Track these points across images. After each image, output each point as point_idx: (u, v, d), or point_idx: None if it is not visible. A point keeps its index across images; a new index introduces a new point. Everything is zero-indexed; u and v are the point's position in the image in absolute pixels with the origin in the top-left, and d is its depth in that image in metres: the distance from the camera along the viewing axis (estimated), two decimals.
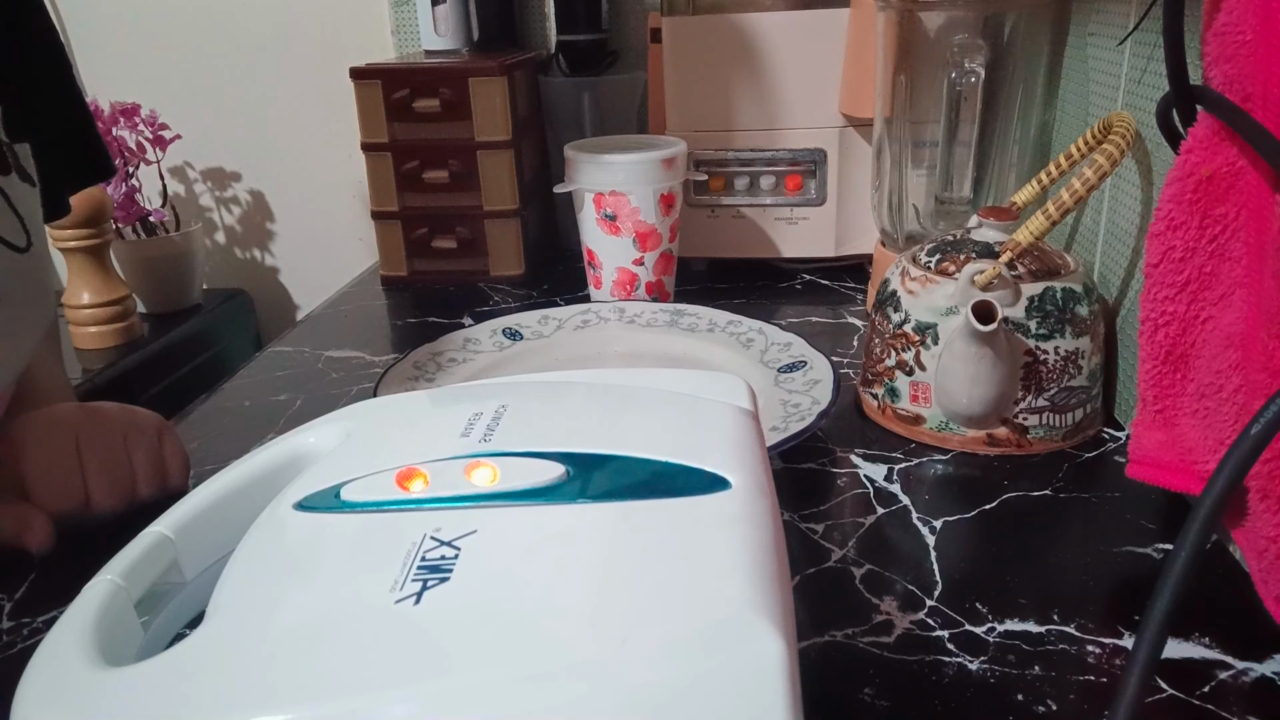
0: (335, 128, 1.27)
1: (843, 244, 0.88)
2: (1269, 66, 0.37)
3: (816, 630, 0.42)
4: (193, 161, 1.31)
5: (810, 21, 0.82)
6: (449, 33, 1.05)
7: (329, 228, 1.33)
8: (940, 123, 0.71)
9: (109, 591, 0.29)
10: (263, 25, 1.24)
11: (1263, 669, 0.38)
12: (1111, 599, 0.43)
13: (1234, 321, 0.42)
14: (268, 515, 0.31)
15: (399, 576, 0.26)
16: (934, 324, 0.57)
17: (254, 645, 0.24)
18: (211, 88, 1.28)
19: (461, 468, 0.30)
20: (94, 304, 1.11)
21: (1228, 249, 0.42)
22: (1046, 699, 0.37)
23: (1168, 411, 0.47)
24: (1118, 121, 0.56)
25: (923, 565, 0.46)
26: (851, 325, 0.78)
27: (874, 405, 0.61)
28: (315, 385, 0.71)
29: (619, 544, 0.27)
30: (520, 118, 0.93)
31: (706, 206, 0.89)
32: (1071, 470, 0.54)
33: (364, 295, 0.93)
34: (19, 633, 0.44)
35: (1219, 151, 0.42)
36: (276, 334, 0.85)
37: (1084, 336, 0.56)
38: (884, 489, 0.53)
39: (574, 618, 0.24)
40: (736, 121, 0.86)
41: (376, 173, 0.92)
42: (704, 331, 0.72)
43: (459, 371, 0.68)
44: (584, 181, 0.78)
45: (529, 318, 0.75)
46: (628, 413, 0.35)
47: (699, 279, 0.91)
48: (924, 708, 0.37)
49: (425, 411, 0.37)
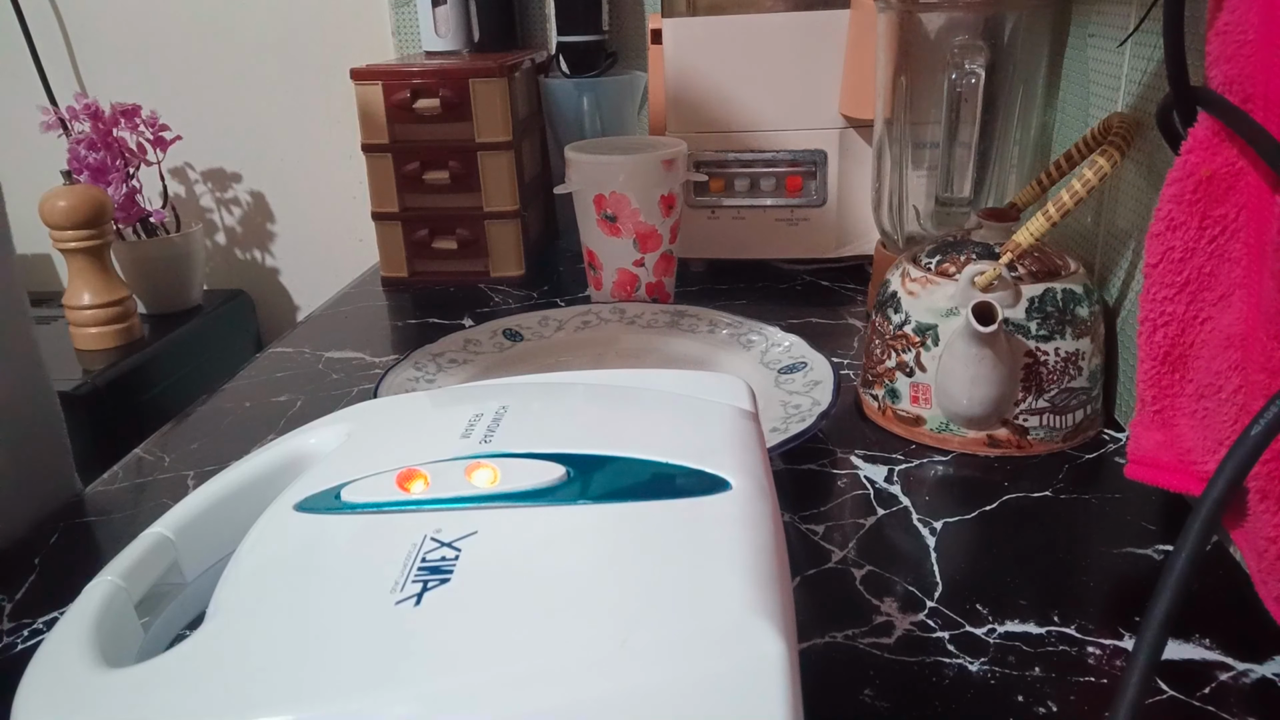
0: (336, 129, 1.27)
1: (843, 245, 0.88)
2: (1269, 67, 0.37)
3: (817, 631, 0.42)
4: (193, 162, 1.32)
5: (810, 22, 0.82)
6: (449, 34, 1.05)
7: (329, 229, 1.33)
8: (940, 124, 0.71)
9: (109, 592, 0.29)
10: (263, 26, 1.24)
11: (1263, 670, 0.38)
12: (1112, 600, 0.43)
13: (1233, 322, 0.42)
14: (268, 516, 0.31)
15: (399, 578, 0.26)
16: (934, 325, 0.57)
17: (254, 646, 0.24)
18: (212, 89, 1.28)
19: (462, 469, 0.30)
20: (94, 305, 1.11)
21: (1227, 250, 0.42)
22: (1047, 700, 0.37)
23: (1166, 412, 0.47)
24: (1118, 122, 0.56)
25: (923, 566, 0.46)
26: (852, 326, 0.78)
27: (874, 406, 0.61)
28: (315, 386, 0.71)
29: (619, 545, 0.27)
30: (521, 119, 0.94)
31: (707, 207, 0.89)
32: (1072, 471, 0.54)
33: (364, 296, 0.93)
34: (19, 633, 0.44)
35: (1219, 152, 0.42)
36: (277, 335, 0.85)
37: (1084, 338, 0.56)
38: (884, 490, 0.53)
39: (574, 619, 0.24)
40: (737, 122, 0.86)
41: (377, 173, 0.92)
42: (704, 332, 0.72)
43: (459, 373, 0.68)
44: (584, 182, 0.78)
45: (529, 319, 0.75)
46: (628, 414, 0.35)
47: (699, 280, 0.91)
48: (924, 709, 0.37)
49: (426, 413, 0.37)
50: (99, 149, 1.15)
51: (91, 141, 1.14)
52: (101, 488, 0.58)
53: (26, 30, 1.25)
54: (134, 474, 0.60)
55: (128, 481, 0.59)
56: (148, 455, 0.62)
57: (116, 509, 0.55)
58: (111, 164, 1.16)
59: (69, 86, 1.28)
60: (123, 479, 0.59)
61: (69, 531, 0.53)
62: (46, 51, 1.26)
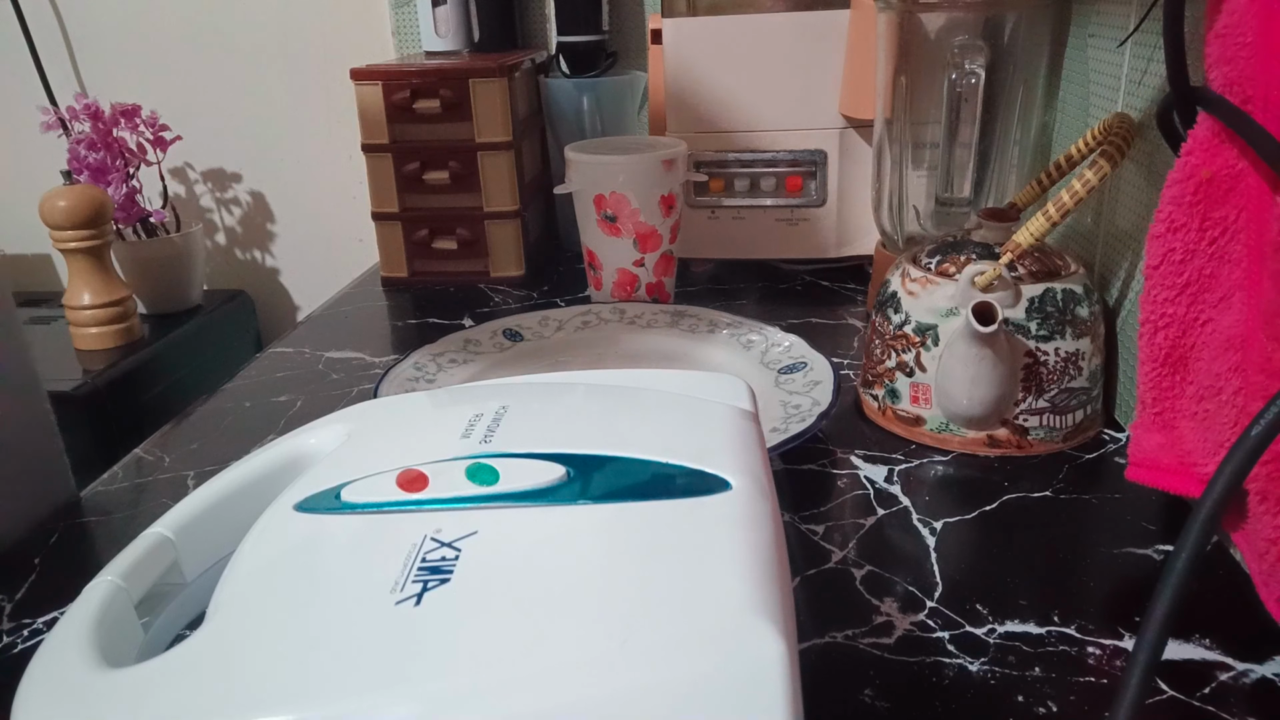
0: (336, 129, 1.27)
1: (843, 245, 0.88)
2: (1269, 68, 0.37)
3: (817, 631, 0.42)
4: (193, 162, 1.31)
5: (810, 22, 0.82)
6: (449, 34, 1.05)
7: (329, 229, 1.33)
8: (940, 124, 0.71)
9: (109, 592, 0.29)
10: (263, 26, 1.24)
11: (1263, 670, 0.38)
12: (1112, 600, 0.43)
13: (1233, 324, 0.42)
14: (268, 516, 0.31)
15: (399, 578, 0.26)
16: (934, 325, 0.57)
17: (254, 646, 0.24)
18: (212, 89, 1.28)
19: (462, 469, 0.30)
20: (94, 305, 1.11)
21: (1227, 251, 0.42)
22: (1047, 700, 0.37)
23: (1167, 414, 0.47)
24: (1118, 123, 0.56)
25: (923, 566, 0.46)
26: (852, 326, 0.78)
27: (874, 406, 0.61)
28: (316, 386, 0.71)
29: (619, 545, 0.27)
30: (521, 119, 0.93)
31: (707, 207, 0.89)
32: (1072, 472, 0.54)
33: (364, 296, 0.93)
34: (19, 633, 0.44)
35: (1219, 153, 0.42)
36: (277, 335, 0.85)
37: (1084, 338, 0.56)
38: (884, 490, 0.53)
39: (574, 619, 0.24)
40: (736, 122, 0.86)
41: (377, 174, 0.92)
42: (704, 333, 0.72)
43: (459, 373, 0.68)
44: (584, 182, 0.78)
45: (529, 319, 0.75)
46: (628, 414, 0.35)
47: (699, 280, 0.91)
48: (924, 709, 0.37)
49: (426, 413, 0.37)
50: (99, 149, 1.15)
51: (91, 141, 1.14)
52: (101, 488, 0.58)
53: (26, 30, 1.25)
54: (134, 474, 0.60)
55: (128, 482, 0.59)
56: (148, 455, 0.62)
57: (116, 509, 0.55)
58: (111, 164, 1.15)
59: (69, 86, 1.28)
60: (122, 479, 0.59)
61: (69, 532, 0.53)
62: (46, 51, 1.26)
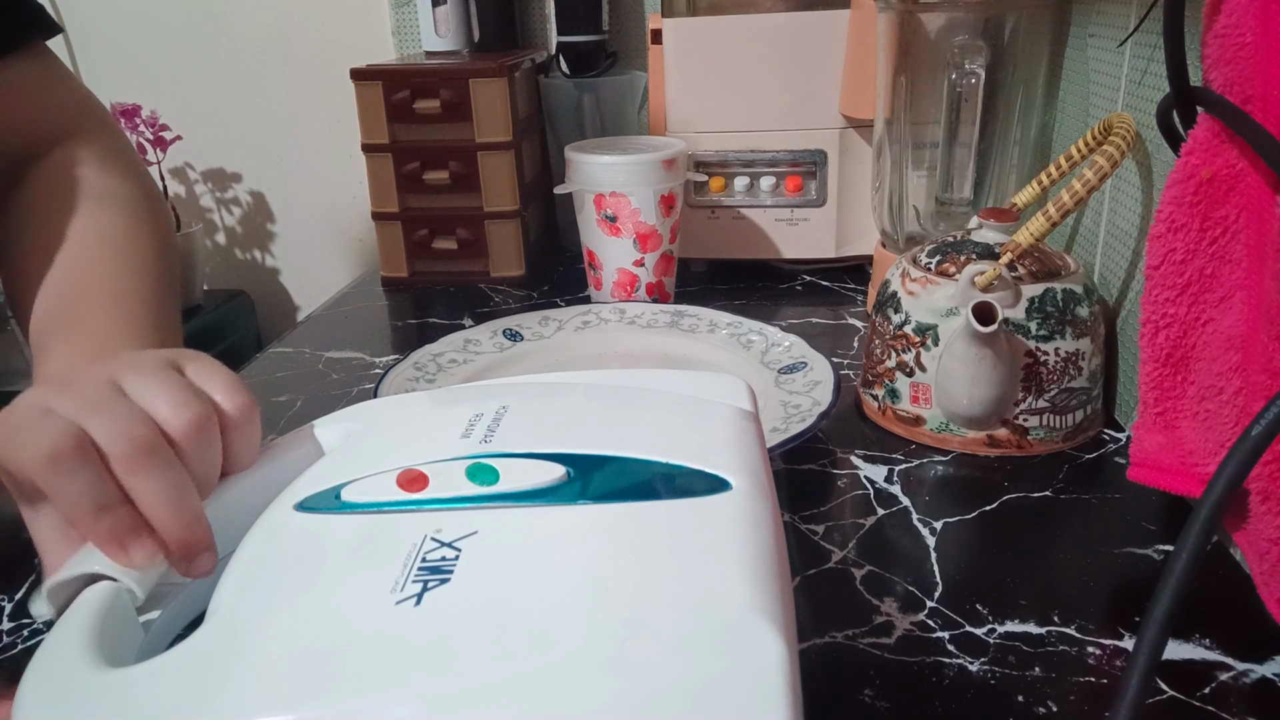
0: (336, 129, 1.27)
1: (843, 245, 0.88)
2: (1269, 69, 0.37)
3: (817, 631, 0.42)
4: (193, 162, 1.31)
5: (810, 22, 0.82)
6: (450, 34, 1.05)
7: (329, 229, 1.33)
8: (940, 124, 0.71)
9: (109, 592, 0.29)
10: (263, 26, 1.24)
11: (1263, 670, 0.38)
12: (1112, 600, 0.43)
13: (1234, 324, 0.42)
14: (269, 516, 0.31)
15: (400, 577, 0.26)
16: (934, 325, 0.57)
17: (254, 646, 0.24)
18: (212, 89, 1.28)
19: (462, 469, 0.30)
20: None
21: (1228, 251, 0.42)
22: (1047, 700, 0.37)
23: (1168, 414, 0.47)
24: (1118, 123, 0.56)
25: (923, 566, 0.46)
26: (852, 326, 0.78)
27: (874, 406, 0.61)
28: (316, 386, 0.71)
29: (619, 545, 0.27)
30: (521, 119, 0.93)
31: (707, 207, 0.89)
32: (1072, 471, 0.54)
33: (364, 296, 0.93)
34: (19, 633, 0.44)
35: (1219, 153, 0.42)
36: (277, 335, 0.85)
37: (1084, 338, 0.56)
38: (884, 490, 0.53)
39: (574, 619, 0.24)
40: (736, 122, 0.86)
41: (377, 174, 0.92)
42: (704, 332, 0.72)
43: (459, 372, 0.68)
44: (584, 182, 0.78)
45: (529, 319, 0.75)
46: (628, 414, 0.35)
47: (699, 280, 0.91)
48: (924, 709, 0.37)
49: (426, 412, 0.37)
50: None
51: None
52: None
53: None
54: None
55: None
56: None
57: None
58: None
59: None
60: None
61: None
62: None
